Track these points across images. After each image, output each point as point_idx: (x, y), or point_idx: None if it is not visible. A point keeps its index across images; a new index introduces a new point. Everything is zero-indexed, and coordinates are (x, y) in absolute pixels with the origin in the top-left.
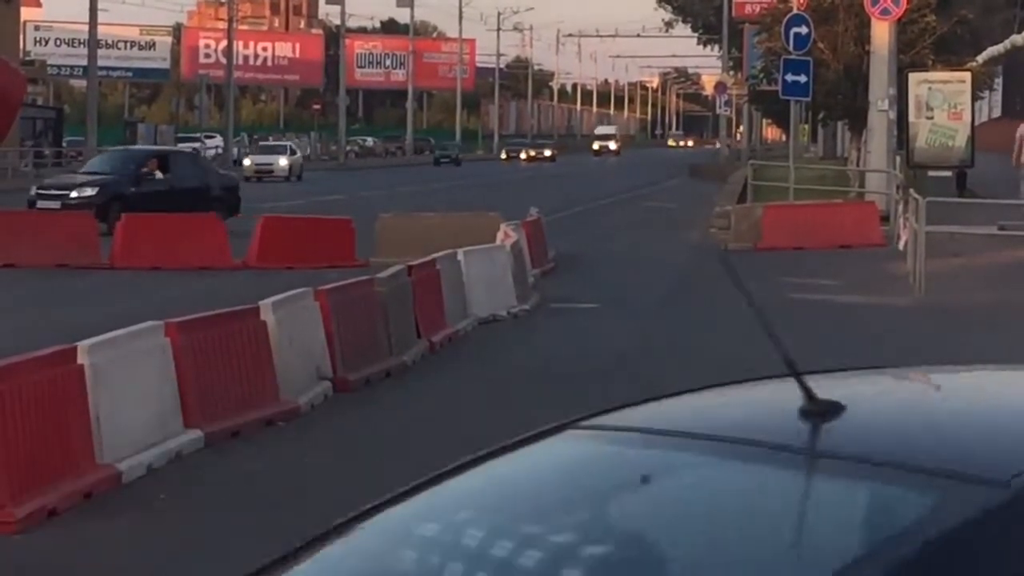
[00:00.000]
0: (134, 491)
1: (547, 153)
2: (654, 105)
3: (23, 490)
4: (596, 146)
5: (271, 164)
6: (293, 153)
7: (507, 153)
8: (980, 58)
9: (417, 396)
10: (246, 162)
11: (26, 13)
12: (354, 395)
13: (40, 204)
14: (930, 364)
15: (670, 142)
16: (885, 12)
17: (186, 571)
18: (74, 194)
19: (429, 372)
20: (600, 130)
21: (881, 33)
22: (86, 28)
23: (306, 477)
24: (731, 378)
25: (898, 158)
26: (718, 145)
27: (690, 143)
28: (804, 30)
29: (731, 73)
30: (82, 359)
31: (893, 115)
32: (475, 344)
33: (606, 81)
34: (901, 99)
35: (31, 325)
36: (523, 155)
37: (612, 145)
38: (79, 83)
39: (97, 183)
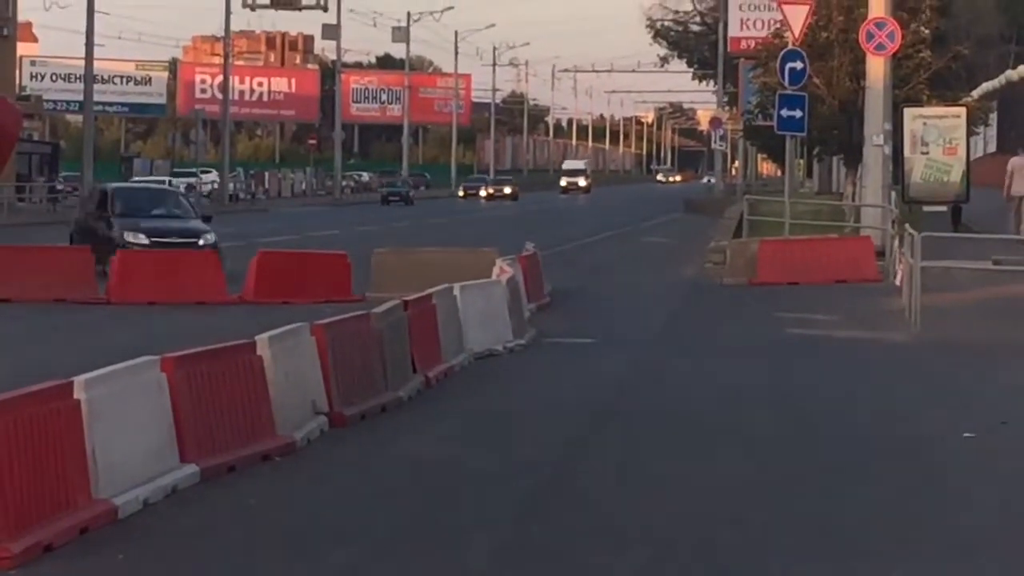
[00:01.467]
0: (130, 526)
1: (507, 191)
2: (649, 140)
3: (19, 525)
4: (564, 183)
5: None
6: None
7: (464, 191)
8: (975, 93)
9: (413, 432)
10: None
11: (22, 48)
12: (350, 430)
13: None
14: (928, 398)
15: (659, 177)
16: (880, 48)
17: None
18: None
19: (424, 407)
20: (568, 164)
21: (876, 68)
22: (82, 63)
23: (302, 512)
24: (728, 412)
25: (893, 193)
26: (707, 180)
27: (678, 178)
28: (799, 65)
29: (726, 108)
30: (78, 394)
31: (888, 150)
32: (471, 379)
33: (601, 116)
34: (896, 134)
35: (27, 360)
36: (483, 192)
37: (581, 182)
38: (75, 118)
39: None
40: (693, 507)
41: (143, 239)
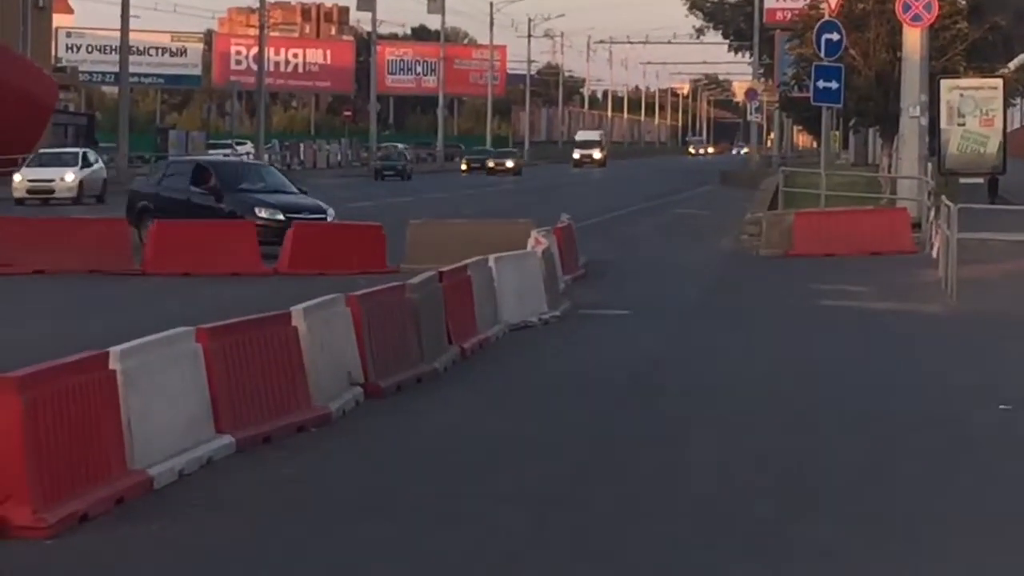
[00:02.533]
0: (165, 497)
1: (508, 164)
2: (685, 112)
3: (55, 495)
4: (576, 155)
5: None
6: (87, 165)
7: (467, 163)
8: (1012, 65)
9: (448, 402)
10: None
11: (58, 20)
12: (385, 401)
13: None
14: (964, 370)
15: (690, 149)
16: (917, 18)
17: None
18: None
19: (460, 379)
20: (581, 135)
21: (913, 39)
22: (118, 35)
23: (337, 483)
24: (763, 384)
25: (929, 165)
26: (737, 151)
27: (710, 150)
28: (836, 36)
29: (762, 80)
30: (114, 365)
31: (925, 122)
32: (506, 351)
33: (637, 88)
34: (933, 106)
35: (63, 331)
36: (490, 164)
37: (596, 154)
38: (111, 90)
39: None
40: (731, 478)
41: (280, 216)
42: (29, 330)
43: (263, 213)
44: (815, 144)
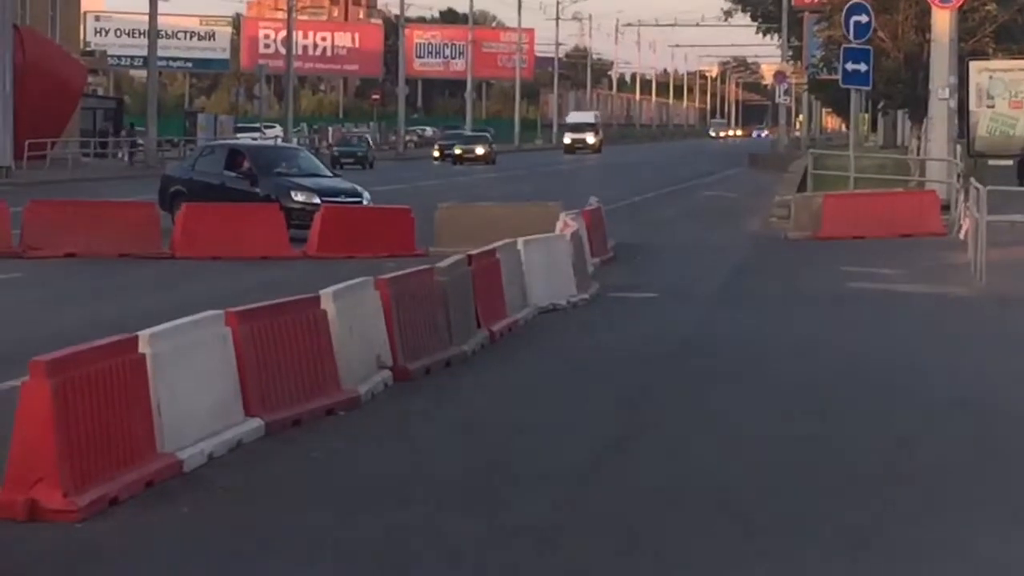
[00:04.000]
0: (195, 480)
1: (478, 151)
2: (713, 95)
3: (85, 479)
4: (568, 140)
5: None
6: None
7: (440, 150)
8: None
9: (477, 386)
10: None
11: (87, 4)
12: (414, 384)
13: None
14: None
15: (711, 132)
16: (945, 0)
17: (247, 560)
18: None
19: (489, 362)
20: (574, 117)
21: (942, 21)
22: (146, 18)
23: (366, 466)
24: (793, 366)
25: (958, 147)
26: (758, 134)
27: (737, 132)
28: (864, 19)
29: (791, 62)
30: (143, 348)
31: (954, 104)
32: (535, 334)
33: (665, 70)
34: (962, 88)
35: (93, 314)
36: (456, 152)
37: (590, 138)
38: (139, 73)
39: None
40: (755, 465)
41: (316, 199)
42: (60, 314)
43: (299, 197)
44: (844, 127)
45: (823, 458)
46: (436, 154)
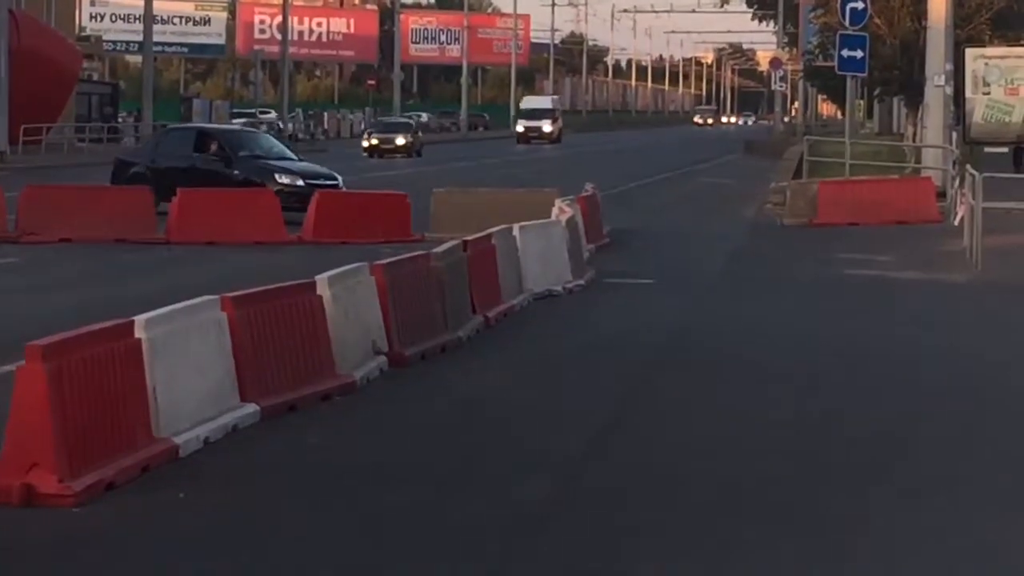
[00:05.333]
0: (191, 464)
1: (399, 142)
2: (709, 81)
3: (81, 464)
4: (520, 128)
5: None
6: None
7: (369, 139)
8: None
9: (472, 371)
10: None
11: None
12: (410, 370)
13: None
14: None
15: (696, 119)
16: None
17: (242, 545)
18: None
19: (484, 348)
20: (529, 103)
21: (938, 8)
22: (141, 4)
23: (361, 451)
24: (788, 353)
25: (954, 134)
26: (741, 121)
27: (732, 120)
28: (860, 5)
29: (786, 49)
30: (139, 333)
31: (950, 91)
32: (531, 320)
33: (661, 57)
34: (958, 74)
35: (88, 299)
36: (372, 142)
37: (546, 127)
38: (134, 59)
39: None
40: (751, 451)
41: (300, 182)
42: (55, 299)
43: (284, 179)
44: (839, 113)
45: (820, 444)
46: (364, 144)
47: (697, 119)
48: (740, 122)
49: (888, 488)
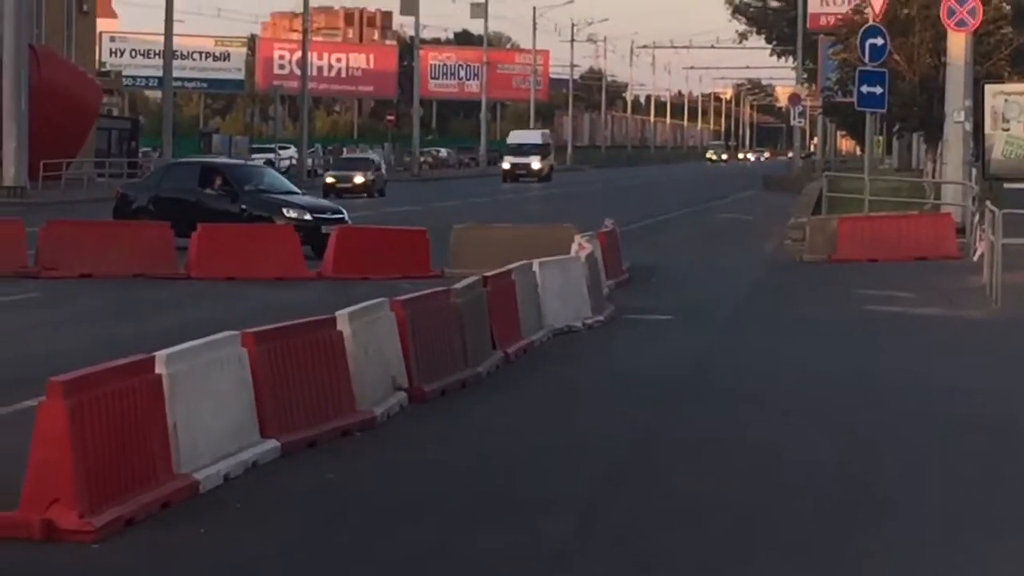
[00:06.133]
0: (211, 501)
1: (357, 180)
2: (727, 116)
3: (101, 500)
4: (507, 164)
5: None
6: None
7: (326, 177)
8: None
9: (492, 407)
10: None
11: (102, 24)
12: (430, 406)
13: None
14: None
15: (709, 155)
16: (961, 24)
17: None
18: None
19: (504, 383)
20: (516, 137)
21: (957, 45)
22: (161, 39)
23: (380, 488)
24: (808, 389)
25: (974, 170)
26: (752, 158)
27: (748, 156)
28: (880, 41)
29: (805, 84)
30: (160, 369)
31: (969, 127)
32: (550, 355)
33: (680, 92)
34: (977, 111)
35: (109, 334)
36: (325, 181)
37: (535, 164)
38: (154, 94)
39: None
40: (775, 484)
41: (307, 216)
42: (76, 334)
43: (291, 213)
44: (858, 149)
45: (839, 480)
46: (328, 180)
47: (710, 155)
48: (752, 158)
49: (908, 525)
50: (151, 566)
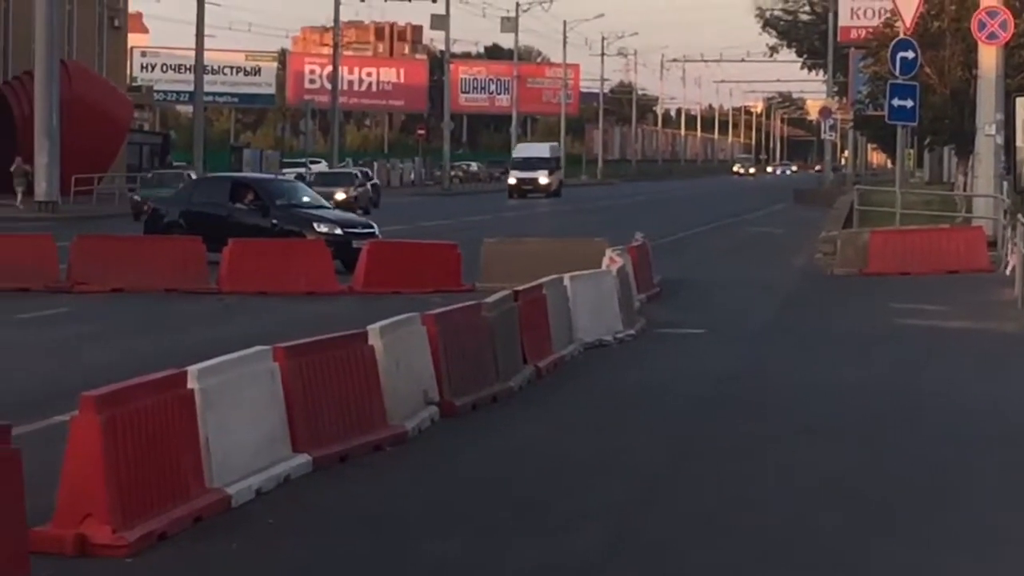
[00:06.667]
0: (243, 515)
1: (338, 197)
2: (758, 130)
3: (134, 514)
4: (513, 180)
5: None
6: None
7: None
8: None
9: (524, 421)
10: None
11: (133, 39)
12: (461, 420)
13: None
14: None
15: (736, 168)
16: (992, 37)
17: None
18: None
19: (536, 397)
20: (523, 151)
21: (988, 58)
22: (192, 54)
23: (413, 502)
24: (839, 403)
25: (1005, 183)
26: (778, 172)
27: (768, 169)
28: (911, 55)
29: (836, 98)
30: (192, 384)
31: (1000, 140)
32: (581, 369)
33: (710, 106)
34: (1009, 124)
35: (141, 349)
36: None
37: (543, 179)
38: (185, 108)
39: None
40: (806, 498)
41: (338, 230)
42: (107, 348)
43: (322, 228)
44: (889, 162)
45: (871, 494)
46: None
47: (737, 168)
48: (779, 172)
49: (940, 538)
50: None
